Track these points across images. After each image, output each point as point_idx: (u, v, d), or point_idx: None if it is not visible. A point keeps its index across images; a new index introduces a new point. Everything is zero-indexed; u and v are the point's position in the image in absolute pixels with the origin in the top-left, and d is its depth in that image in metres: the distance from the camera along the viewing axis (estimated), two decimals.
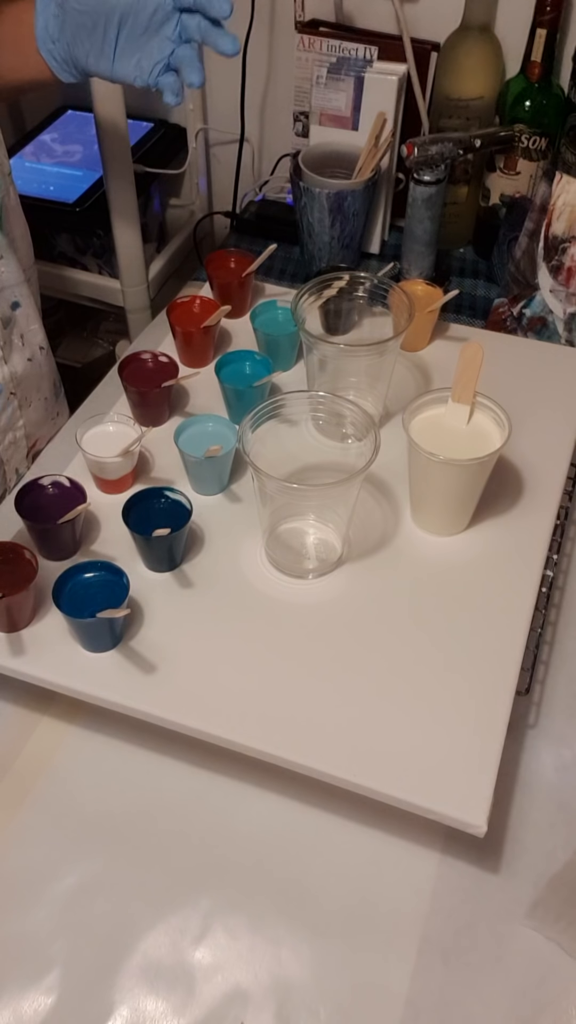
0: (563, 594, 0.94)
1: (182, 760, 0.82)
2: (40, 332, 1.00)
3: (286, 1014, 0.69)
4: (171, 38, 0.82)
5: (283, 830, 0.79)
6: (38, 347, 0.99)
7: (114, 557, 0.86)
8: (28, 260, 1.00)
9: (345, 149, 1.22)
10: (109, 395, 1.04)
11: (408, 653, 0.82)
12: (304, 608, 0.85)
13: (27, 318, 0.97)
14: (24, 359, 0.97)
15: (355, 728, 0.77)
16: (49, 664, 0.81)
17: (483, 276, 1.30)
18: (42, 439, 1.04)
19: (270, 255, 1.09)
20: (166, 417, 1.02)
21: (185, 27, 0.82)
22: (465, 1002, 0.70)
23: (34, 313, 0.98)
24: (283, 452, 0.89)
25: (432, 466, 0.84)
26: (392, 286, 0.96)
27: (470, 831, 0.72)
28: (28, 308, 0.96)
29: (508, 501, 0.93)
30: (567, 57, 1.19)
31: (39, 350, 1.00)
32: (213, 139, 1.51)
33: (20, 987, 0.70)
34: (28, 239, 1.00)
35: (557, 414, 1.02)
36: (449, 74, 1.20)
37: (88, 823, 0.79)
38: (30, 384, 0.99)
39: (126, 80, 0.84)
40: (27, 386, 0.98)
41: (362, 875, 0.76)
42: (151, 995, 0.70)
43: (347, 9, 1.29)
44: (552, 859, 0.77)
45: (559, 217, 1.09)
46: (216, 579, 0.87)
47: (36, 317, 0.99)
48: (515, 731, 0.83)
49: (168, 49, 0.82)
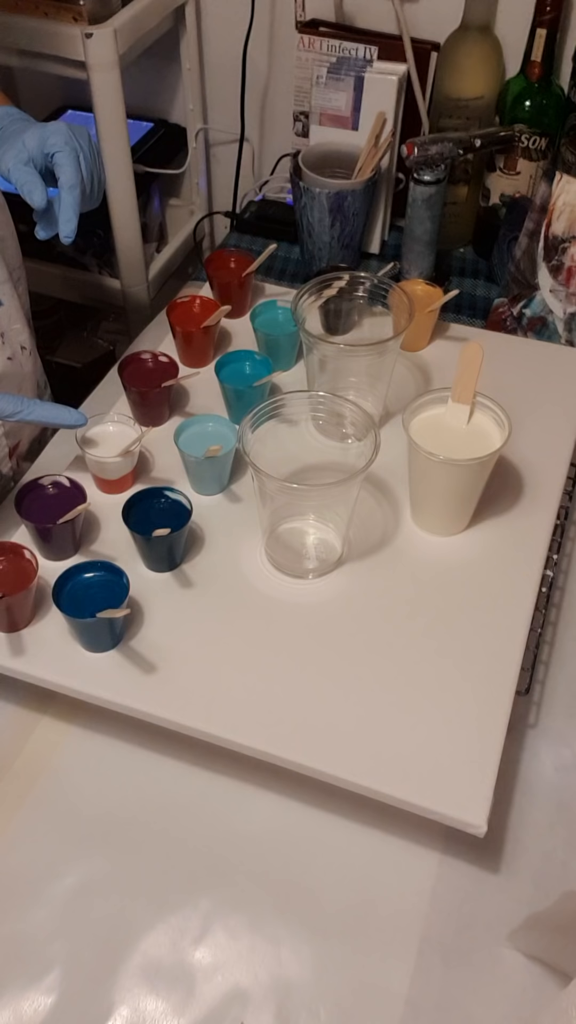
0: (563, 594, 0.94)
1: (182, 760, 0.82)
2: (24, 332, 1.00)
3: (286, 1014, 0.69)
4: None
5: (283, 830, 0.79)
6: (20, 346, 0.99)
7: (114, 557, 0.86)
8: (15, 260, 1.00)
9: (345, 149, 1.22)
10: (109, 395, 1.04)
11: (408, 653, 0.82)
12: (304, 608, 0.85)
13: (9, 317, 0.97)
14: (4, 358, 0.97)
15: (355, 728, 0.77)
16: (49, 664, 0.81)
17: (483, 276, 1.30)
18: (25, 439, 1.04)
19: (270, 255, 1.09)
20: (166, 417, 1.02)
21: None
22: (465, 1002, 0.70)
23: (17, 313, 0.98)
24: (283, 452, 0.89)
25: (432, 466, 0.84)
26: (392, 286, 0.96)
27: (470, 831, 0.72)
28: (11, 308, 0.96)
29: (508, 501, 0.93)
30: (567, 57, 1.19)
31: (21, 350, 0.99)
32: (213, 139, 1.51)
33: (20, 987, 0.70)
34: (15, 239, 1.00)
35: (557, 414, 1.02)
36: (449, 74, 1.20)
37: (88, 823, 0.79)
38: (10, 383, 0.99)
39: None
40: (6, 385, 0.98)
41: (362, 875, 0.76)
42: (151, 995, 0.70)
43: (347, 9, 1.29)
44: (552, 859, 0.77)
45: (559, 217, 1.09)
46: (216, 579, 0.87)
47: (20, 317, 0.98)
48: (515, 731, 0.83)
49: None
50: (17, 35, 1.16)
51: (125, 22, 1.15)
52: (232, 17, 1.34)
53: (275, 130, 1.46)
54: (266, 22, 1.35)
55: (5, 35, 1.17)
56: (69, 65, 1.17)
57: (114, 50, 1.13)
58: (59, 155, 0.85)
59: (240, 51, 1.33)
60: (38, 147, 0.86)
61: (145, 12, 1.20)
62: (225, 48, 1.38)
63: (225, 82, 1.41)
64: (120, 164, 1.24)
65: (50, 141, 0.86)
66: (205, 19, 1.38)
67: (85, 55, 1.13)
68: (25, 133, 0.87)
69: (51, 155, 0.86)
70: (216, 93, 1.45)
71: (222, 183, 1.56)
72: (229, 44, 1.36)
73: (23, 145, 0.86)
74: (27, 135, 0.87)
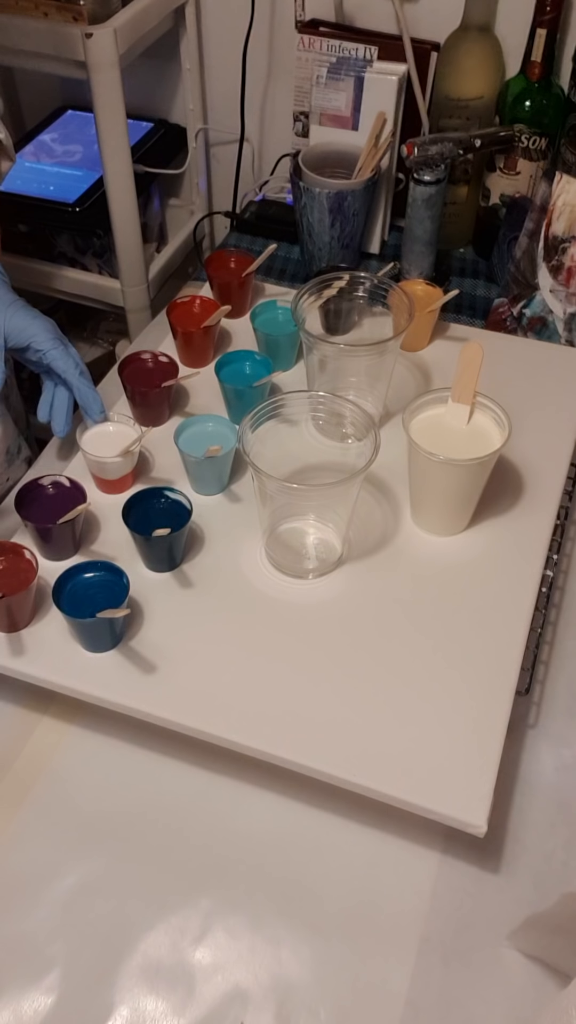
0: (563, 594, 0.94)
1: (182, 760, 0.82)
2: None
3: (286, 1014, 0.69)
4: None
5: (283, 830, 0.79)
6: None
7: (114, 557, 0.86)
8: None
9: (345, 149, 1.22)
10: (109, 395, 1.04)
11: (408, 653, 0.82)
12: (304, 608, 0.85)
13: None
14: None
15: (355, 728, 0.77)
16: (49, 664, 0.81)
17: (483, 276, 1.30)
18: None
19: (270, 255, 1.09)
20: (166, 417, 1.02)
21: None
22: (465, 1002, 0.70)
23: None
24: (283, 452, 0.89)
25: (432, 466, 0.84)
26: (392, 286, 0.96)
27: (470, 831, 0.72)
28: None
29: (508, 501, 0.93)
30: (567, 57, 1.19)
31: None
32: (213, 139, 1.51)
33: (20, 987, 0.70)
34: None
35: (557, 414, 1.02)
36: (449, 74, 1.20)
37: (88, 823, 0.79)
38: None
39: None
40: None
41: (362, 875, 0.76)
42: (151, 995, 0.70)
43: (347, 9, 1.29)
44: (552, 859, 0.77)
45: (559, 217, 1.09)
46: (216, 579, 0.87)
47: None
48: (515, 731, 0.83)
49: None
50: (17, 35, 1.16)
51: (125, 22, 1.14)
52: (232, 17, 1.34)
53: (275, 130, 1.46)
54: (266, 22, 1.35)
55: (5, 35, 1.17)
56: (69, 65, 1.17)
57: (114, 50, 1.13)
58: (51, 353, 0.91)
59: (240, 51, 1.33)
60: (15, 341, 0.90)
61: (145, 12, 1.20)
62: (225, 48, 1.38)
63: (225, 82, 1.41)
64: (120, 164, 1.24)
65: (35, 342, 0.90)
66: (205, 19, 1.38)
67: (85, 55, 1.13)
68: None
69: (41, 352, 0.91)
70: (216, 93, 1.45)
71: (222, 183, 1.56)
72: (229, 44, 1.36)
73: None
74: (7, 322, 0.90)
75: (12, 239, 1.41)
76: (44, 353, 0.90)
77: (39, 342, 0.89)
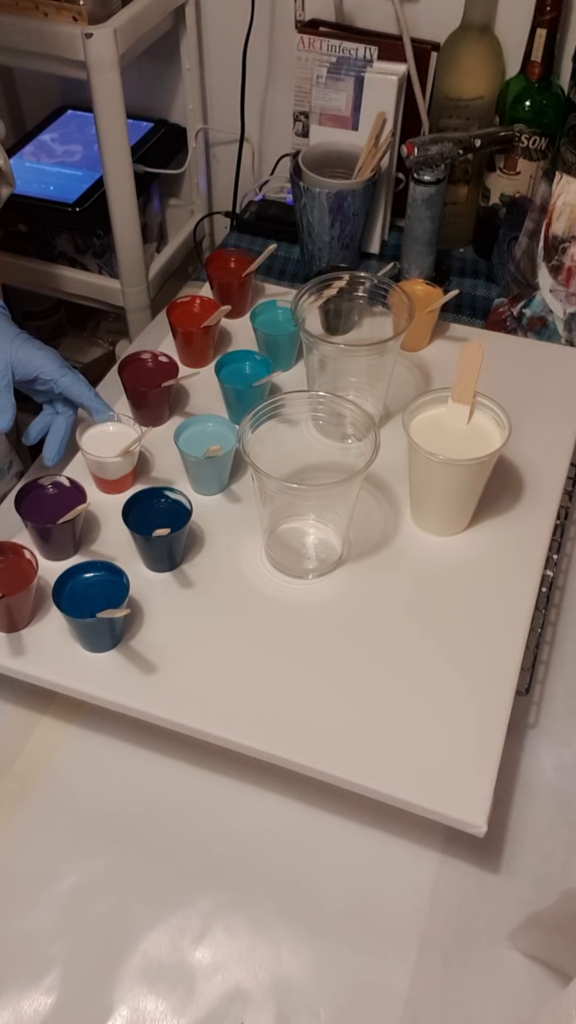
0: (563, 594, 0.94)
1: (182, 760, 0.82)
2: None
3: (286, 1014, 0.69)
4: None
5: (283, 830, 0.79)
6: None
7: (114, 557, 0.86)
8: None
9: (345, 149, 1.22)
10: (109, 395, 1.04)
11: (408, 653, 0.82)
12: (304, 608, 0.85)
13: None
14: None
15: (355, 728, 0.77)
16: (49, 664, 0.81)
17: (483, 276, 1.30)
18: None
19: (270, 255, 1.09)
20: (166, 417, 1.02)
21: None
22: (465, 1002, 0.70)
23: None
24: (283, 452, 0.89)
25: (432, 466, 0.84)
26: (392, 286, 0.96)
27: (470, 831, 0.72)
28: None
29: (508, 501, 0.93)
30: (567, 57, 1.19)
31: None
32: (213, 139, 1.51)
33: (20, 987, 0.70)
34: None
35: (557, 414, 1.02)
36: (449, 74, 1.20)
37: (88, 823, 0.79)
38: None
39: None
40: None
41: (362, 875, 0.76)
42: (151, 995, 0.70)
43: (347, 9, 1.29)
44: (552, 859, 0.77)
45: (559, 217, 1.09)
46: (216, 579, 0.87)
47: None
48: (515, 731, 0.83)
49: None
50: (17, 35, 1.16)
51: (125, 22, 1.14)
52: (232, 17, 1.34)
53: (275, 130, 1.46)
54: (266, 22, 1.35)
55: (5, 35, 1.17)
56: (69, 65, 1.17)
57: (114, 50, 1.13)
58: (62, 380, 0.90)
59: (240, 51, 1.33)
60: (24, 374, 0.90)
61: (145, 12, 1.20)
62: (225, 48, 1.38)
63: (225, 82, 1.41)
64: (120, 164, 1.24)
65: (43, 372, 0.90)
66: (205, 19, 1.38)
67: (85, 55, 1.13)
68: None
69: (51, 382, 0.90)
70: (216, 93, 1.45)
71: (222, 183, 1.56)
72: (229, 44, 1.36)
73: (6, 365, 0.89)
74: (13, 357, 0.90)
75: (12, 239, 1.41)
76: (55, 382, 0.90)
77: (47, 372, 0.89)
